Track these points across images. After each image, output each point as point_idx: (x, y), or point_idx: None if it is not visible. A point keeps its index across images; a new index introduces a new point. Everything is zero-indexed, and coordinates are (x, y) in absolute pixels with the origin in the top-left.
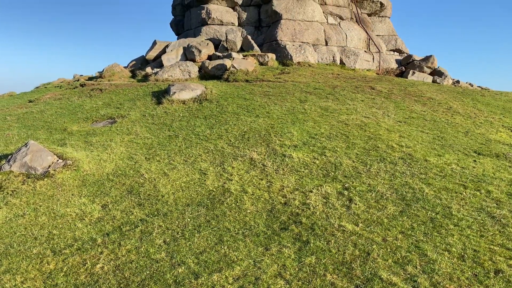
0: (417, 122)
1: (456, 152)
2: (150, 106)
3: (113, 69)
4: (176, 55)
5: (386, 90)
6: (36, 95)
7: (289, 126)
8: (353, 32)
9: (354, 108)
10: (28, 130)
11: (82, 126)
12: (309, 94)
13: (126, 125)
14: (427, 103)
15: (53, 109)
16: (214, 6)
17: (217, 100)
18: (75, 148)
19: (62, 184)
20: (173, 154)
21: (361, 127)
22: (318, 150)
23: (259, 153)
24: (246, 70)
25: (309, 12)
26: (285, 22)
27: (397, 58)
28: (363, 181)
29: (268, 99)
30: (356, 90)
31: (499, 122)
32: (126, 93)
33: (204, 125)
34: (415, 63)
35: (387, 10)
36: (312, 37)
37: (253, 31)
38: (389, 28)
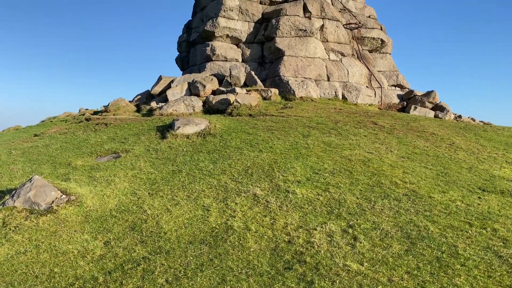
0: (420, 158)
1: (460, 188)
2: (154, 141)
3: (118, 103)
4: (181, 90)
5: (388, 125)
6: (41, 129)
7: (292, 161)
8: (354, 68)
9: (357, 143)
10: (32, 164)
11: (86, 160)
12: (312, 129)
13: (130, 160)
14: (430, 138)
15: (58, 144)
16: (218, 43)
17: (220, 135)
18: (79, 183)
19: (65, 220)
20: (176, 189)
21: (365, 163)
22: (321, 186)
23: (263, 188)
24: (249, 104)
25: (311, 49)
26: (287, 58)
27: (398, 93)
28: (368, 218)
29: (271, 133)
30: (358, 125)
31: (502, 157)
32: (130, 127)
33: (207, 159)
34: (416, 98)
35: (387, 46)
36: (314, 72)
37: (256, 67)
38: (390, 64)
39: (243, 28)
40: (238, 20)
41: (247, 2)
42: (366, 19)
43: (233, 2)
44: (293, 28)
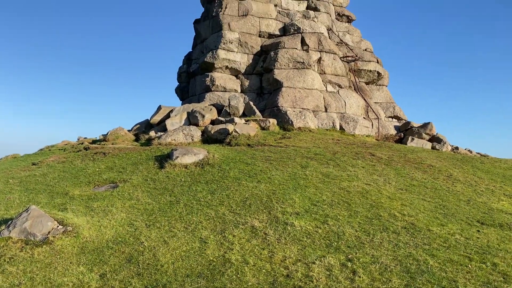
0: (418, 190)
1: (459, 221)
2: (152, 171)
3: (117, 132)
4: (180, 120)
5: (386, 156)
6: (40, 157)
7: (290, 193)
8: (351, 99)
9: (355, 174)
10: (29, 193)
11: (84, 190)
12: (310, 159)
13: (127, 190)
14: (428, 170)
15: (56, 173)
16: (218, 74)
17: (219, 165)
18: (76, 213)
19: (61, 251)
20: (174, 220)
21: (363, 195)
22: (320, 218)
23: (261, 220)
24: (248, 134)
25: (309, 81)
26: (285, 89)
27: (395, 125)
28: (367, 251)
29: (270, 164)
30: (356, 156)
31: (500, 190)
32: (129, 157)
33: (205, 190)
34: (413, 130)
35: (384, 79)
36: (312, 104)
37: (255, 97)
38: (387, 96)
39: (242, 60)
40: (238, 52)
41: (247, 35)
42: (363, 52)
43: (233, 35)
44: (291, 61)
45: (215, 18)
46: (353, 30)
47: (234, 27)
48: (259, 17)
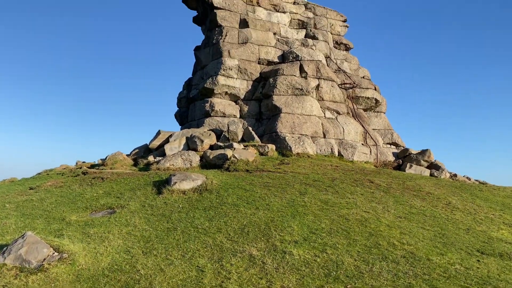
0: (417, 218)
1: (458, 250)
2: (150, 196)
3: (116, 157)
4: (179, 145)
5: (385, 184)
6: (37, 181)
7: (289, 220)
8: (350, 126)
9: (354, 202)
10: (26, 219)
11: (81, 216)
12: (309, 186)
13: (125, 216)
14: (426, 198)
15: (53, 198)
16: (217, 99)
17: (217, 191)
18: (72, 239)
19: (56, 279)
20: (171, 248)
21: (362, 223)
22: (319, 247)
23: (259, 249)
24: (246, 160)
25: (307, 107)
26: (284, 115)
27: (394, 151)
28: (366, 281)
29: (268, 190)
30: (355, 183)
31: (499, 219)
32: (127, 182)
33: (203, 217)
34: (412, 157)
35: (382, 106)
36: (310, 129)
37: (254, 122)
38: (385, 123)
39: (241, 86)
40: (237, 79)
41: (246, 62)
42: (361, 80)
43: (232, 62)
44: (290, 87)
45: (216, 45)
46: (351, 58)
47: (234, 54)
48: (258, 45)
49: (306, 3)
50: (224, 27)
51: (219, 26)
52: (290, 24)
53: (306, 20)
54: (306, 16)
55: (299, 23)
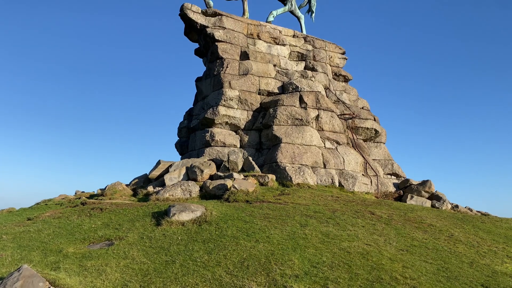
0: (420, 251)
1: (462, 285)
2: (149, 228)
3: (115, 187)
4: (178, 175)
5: (386, 215)
6: (35, 212)
7: (290, 253)
8: (350, 156)
9: (355, 234)
10: (22, 251)
11: (78, 247)
12: (310, 217)
13: (123, 248)
14: (428, 230)
15: (51, 229)
16: (218, 129)
17: (216, 222)
18: (69, 272)
19: None
20: (169, 282)
21: (364, 256)
22: (320, 281)
23: (259, 283)
24: (246, 190)
25: (307, 137)
26: (284, 145)
27: (394, 182)
28: None
29: (268, 222)
30: (356, 215)
31: (503, 252)
32: (126, 213)
33: (202, 249)
34: (412, 187)
35: (381, 136)
36: (310, 160)
37: (254, 152)
38: (385, 153)
39: (242, 116)
40: (238, 109)
41: (246, 93)
42: (360, 110)
43: (233, 93)
44: (290, 117)
45: (217, 76)
46: (350, 89)
47: (234, 85)
48: (258, 76)
49: (305, 36)
50: (225, 59)
51: (220, 58)
52: (289, 56)
53: (306, 53)
54: (305, 49)
55: (299, 55)
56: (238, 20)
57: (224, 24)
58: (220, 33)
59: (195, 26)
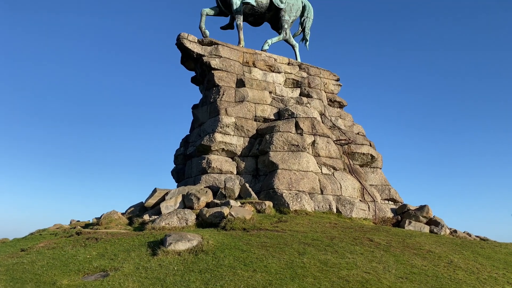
0: (419, 279)
1: None
2: (144, 258)
3: (110, 216)
4: (175, 203)
5: (384, 242)
6: (29, 242)
7: (288, 283)
8: (347, 182)
9: (354, 262)
10: (15, 283)
11: (73, 279)
12: (308, 245)
13: (118, 279)
14: (427, 256)
15: (45, 260)
16: (214, 156)
17: (213, 252)
18: None
19: None
20: None
21: (363, 284)
22: None
23: None
24: (243, 218)
25: (303, 163)
26: (281, 171)
27: (392, 207)
28: None
29: (266, 251)
30: (354, 242)
31: (503, 278)
32: (121, 242)
33: (199, 280)
34: (410, 213)
35: (378, 161)
36: (307, 186)
37: (251, 179)
38: (382, 178)
39: (238, 143)
40: (234, 135)
41: (243, 120)
42: (355, 136)
43: (229, 120)
44: (286, 143)
45: (213, 103)
46: (345, 115)
47: (231, 112)
48: (254, 103)
49: (300, 64)
50: (222, 86)
51: (216, 86)
52: (285, 83)
53: (300, 80)
54: (300, 76)
55: (294, 82)
56: (234, 48)
57: (220, 53)
58: (216, 61)
59: (191, 55)
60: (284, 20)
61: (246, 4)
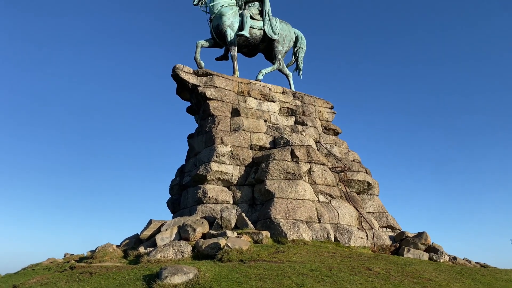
0: None
1: None
2: None
3: (105, 249)
4: (170, 234)
5: (383, 271)
6: (22, 278)
7: None
8: (344, 209)
9: None
10: None
11: None
12: (306, 276)
13: None
14: (427, 285)
15: None
16: (210, 186)
17: (210, 285)
18: None
19: None
20: None
21: None
22: None
23: None
24: (240, 249)
25: (300, 191)
26: (278, 200)
27: (390, 235)
28: None
29: (264, 283)
30: (353, 272)
31: None
32: (116, 277)
33: None
34: (409, 240)
35: (374, 188)
36: (305, 214)
37: (247, 208)
38: (379, 206)
39: (234, 172)
40: (230, 164)
41: (238, 149)
42: (351, 163)
43: (225, 149)
44: (282, 172)
45: (209, 133)
46: (340, 142)
47: (226, 141)
48: (250, 132)
49: (294, 93)
50: (217, 116)
51: (212, 115)
52: (279, 111)
53: (295, 108)
54: (294, 104)
55: (288, 110)
56: (228, 79)
57: (215, 83)
58: (211, 91)
59: (187, 85)
60: (278, 50)
61: (240, 36)
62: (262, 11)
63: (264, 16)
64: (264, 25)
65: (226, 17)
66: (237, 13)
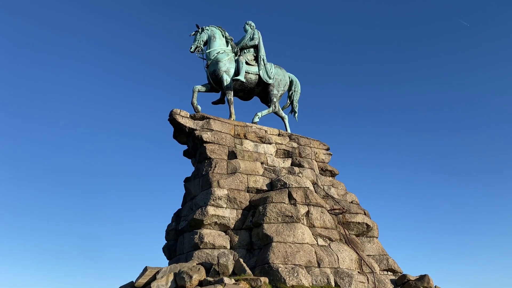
0: None
1: None
2: None
3: None
4: (166, 282)
5: None
6: None
7: None
8: (344, 253)
9: None
10: None
11: None
12: None
13: None
14: None
15: None
16: (207, 230)
17: None
18: None
19: None
20: None
21: None
22: None
23: None
24: None
25: (298, 235)
26: (276, 244)
27: (391, 278)
28: None
29: None
30: None
31: None
32: None
33: None
34: (411, 283)
35: (374, 230)
36: (304, 259)
37: (245, 253)
38: (379, 248)
39: (231, 215)
40: (227, 208)
41: (235, 191)
42: (349, 205)
43: (222, 192)
44: (280, 215)
45: (205, 176)
46: (338, 183)
47: (223, 184)
48: (247, 174)
49: (290, 135)
50: (214, 159)
51: (208, 158)
52: (276, 153)
53: (291, 150)
54: (291, 146)
55: (285, 152)
56: (225, 122)
57: (212, 127)
58: (208, 135)
59: (183, 129)
60: (273, 94)
61: (236, 81)
62: (257, 57)
63: (259, 62)
64: (259, 70)
65: (222, 63)
66: (233, 59)
